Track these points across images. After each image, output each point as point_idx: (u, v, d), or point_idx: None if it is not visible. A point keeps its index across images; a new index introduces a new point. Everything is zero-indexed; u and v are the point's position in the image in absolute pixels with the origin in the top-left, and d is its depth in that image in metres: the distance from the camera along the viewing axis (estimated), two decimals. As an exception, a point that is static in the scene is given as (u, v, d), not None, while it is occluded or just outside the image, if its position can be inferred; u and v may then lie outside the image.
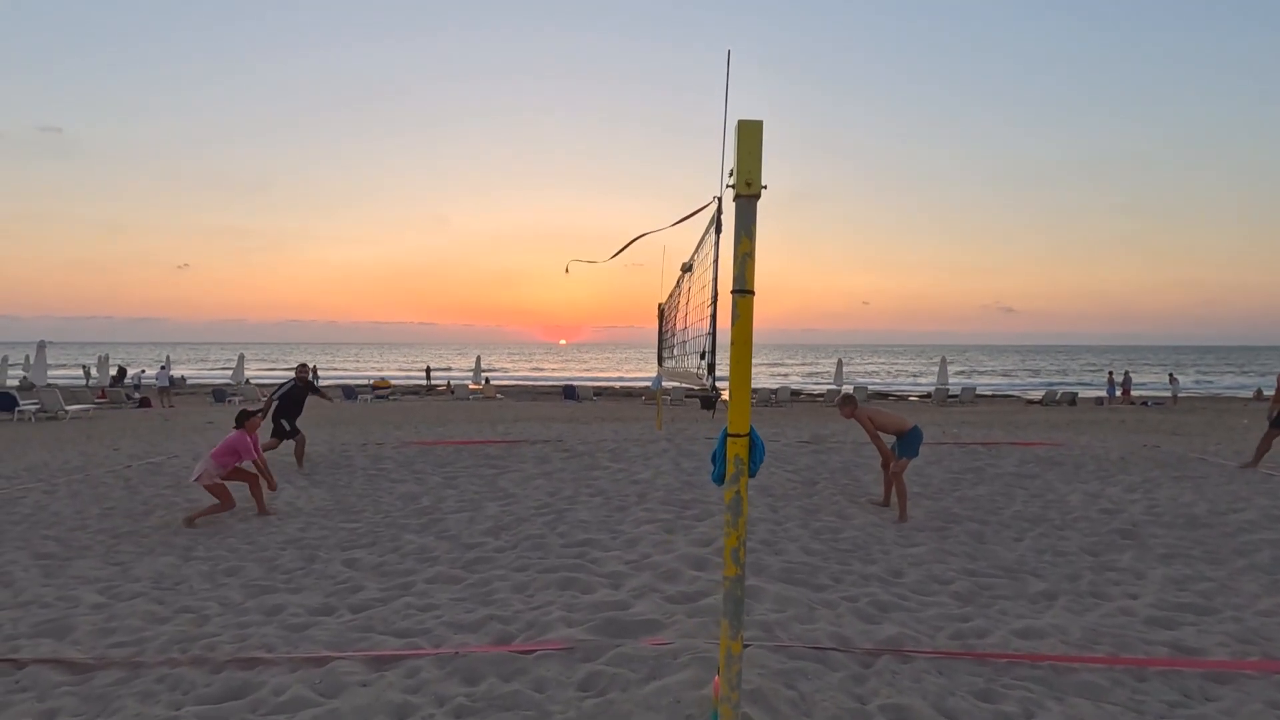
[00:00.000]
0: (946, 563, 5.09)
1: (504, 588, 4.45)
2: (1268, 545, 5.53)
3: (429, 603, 4.20)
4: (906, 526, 6.12)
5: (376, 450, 10.43)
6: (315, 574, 4.92)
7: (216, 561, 5.21)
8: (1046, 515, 6.56)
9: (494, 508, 6.69)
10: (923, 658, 3.33)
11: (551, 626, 3.68)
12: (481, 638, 3.61)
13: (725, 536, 2.51)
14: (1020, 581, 4.70)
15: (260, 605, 4.25)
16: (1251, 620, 3.98)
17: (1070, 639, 3.66)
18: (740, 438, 2.53)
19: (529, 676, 3.11)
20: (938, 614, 4.01)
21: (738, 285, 2.52)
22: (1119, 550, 5.46)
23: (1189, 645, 3.61)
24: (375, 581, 4.72)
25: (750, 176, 2.49)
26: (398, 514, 6.59)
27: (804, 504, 6.87)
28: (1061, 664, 3.30)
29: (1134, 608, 4.19)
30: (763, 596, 4.10)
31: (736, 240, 2.52)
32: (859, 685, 3.03)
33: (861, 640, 3.53)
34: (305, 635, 3.71)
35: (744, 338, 2.53)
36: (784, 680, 2.99)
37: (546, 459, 9.51)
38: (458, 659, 3.28)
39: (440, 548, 5.44)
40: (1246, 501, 6.96)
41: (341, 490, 7.72)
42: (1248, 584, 4.65)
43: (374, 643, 3.57)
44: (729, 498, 2.53)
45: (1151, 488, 7.74)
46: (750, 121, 2.50)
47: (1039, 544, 5.61)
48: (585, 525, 5.97)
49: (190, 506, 6.87)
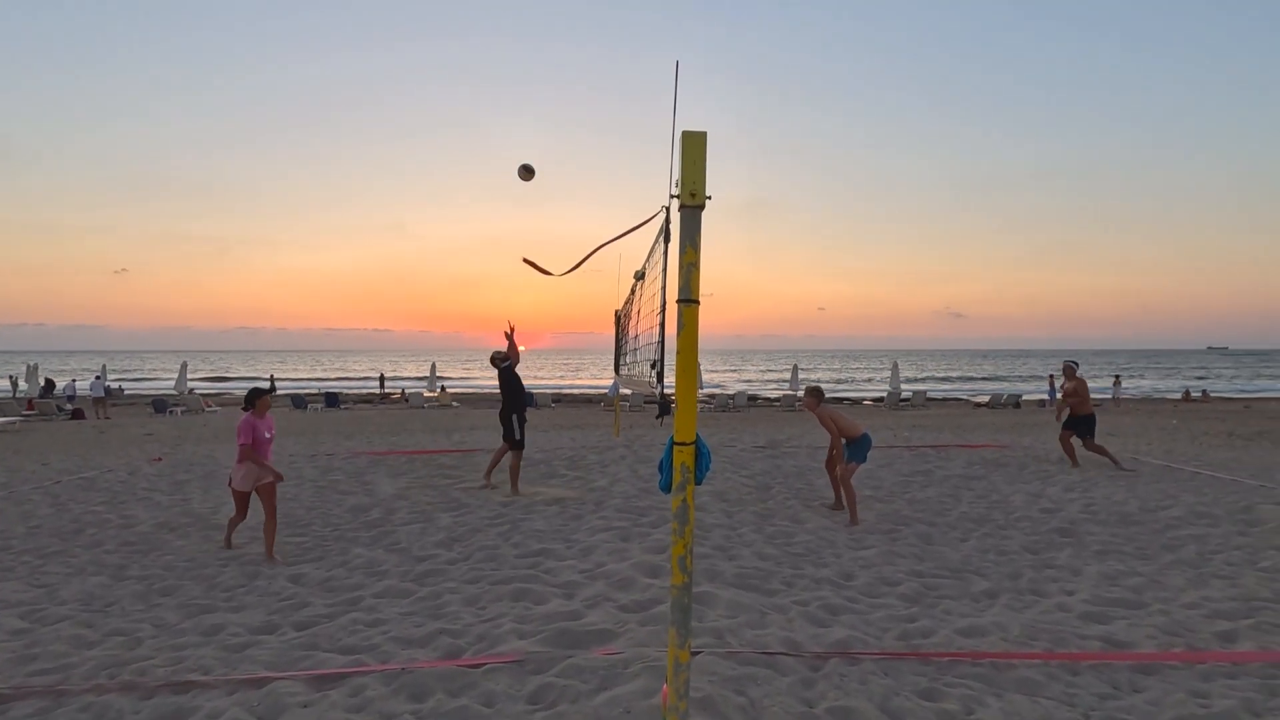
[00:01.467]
0: (895, 564, 5.20)
1: (455, 600, 4.38)
2: (1193, 540, 5.82)
3: (377, 618, 4.10)
4: (858, 530, 6.24)
5: (326, 461, 10.15)
6: (258, 591, 4.76)
7: (152, 581, 4.99)
8: (991, 515, 6.77)
9: (447, 519, 6.58)
10: (870, 659, 3.39)
11: (503, 639, 3.63)
12: (430, 652, 3.54)
13: (673, 544, 2.52)
14: (965, 581, 4.83)
15: (197, 625, 4.08)
16: (1177, 613, 4.18)
17: (1010, 636, 3.78)
18: (687, 446, 2.55)
19: (478, 691, 3.06)
20: (885, 615, 4.10)
21: (683, 295, 2.54)
22: (1057, 548, 5.67)
23: (1120, 639, 3.76)
24: (321, 597, 4.58)
25: (694, 187, 2.51)
26: (347, 526, 6.42)
27: (758, 509, 6.94)
28: (1001, 661, 3.40)
29: (1070, 604, 4.35)
30: (715, 603, 4.12)
31: (681, 250, 2.54)
32: (808, 689, 3.07)
33: (812, 644, 3.58)
34: (245, 656, 3.57)
35: (689, 346, 2.55)
36: (734, 687, 3.01)
37: (501, 468, 9.38)
38: (404, 675, 3.21)
39: (390, 561, 5.32)
40: (1174, 499, 7.31)
41: (289, 503, 7.47)
42: (1174, 578, 4.87)
43: (317, 661, 3.46)
44: (676, 505, 2.54)
45: (1089, 487, 8.07)
46: (694, 133, 2.53)
47: (983, 544, 5.78)
48: (540, 535, 5.92)
49: (123, 523, 6.57)
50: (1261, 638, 3.80)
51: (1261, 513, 6.67)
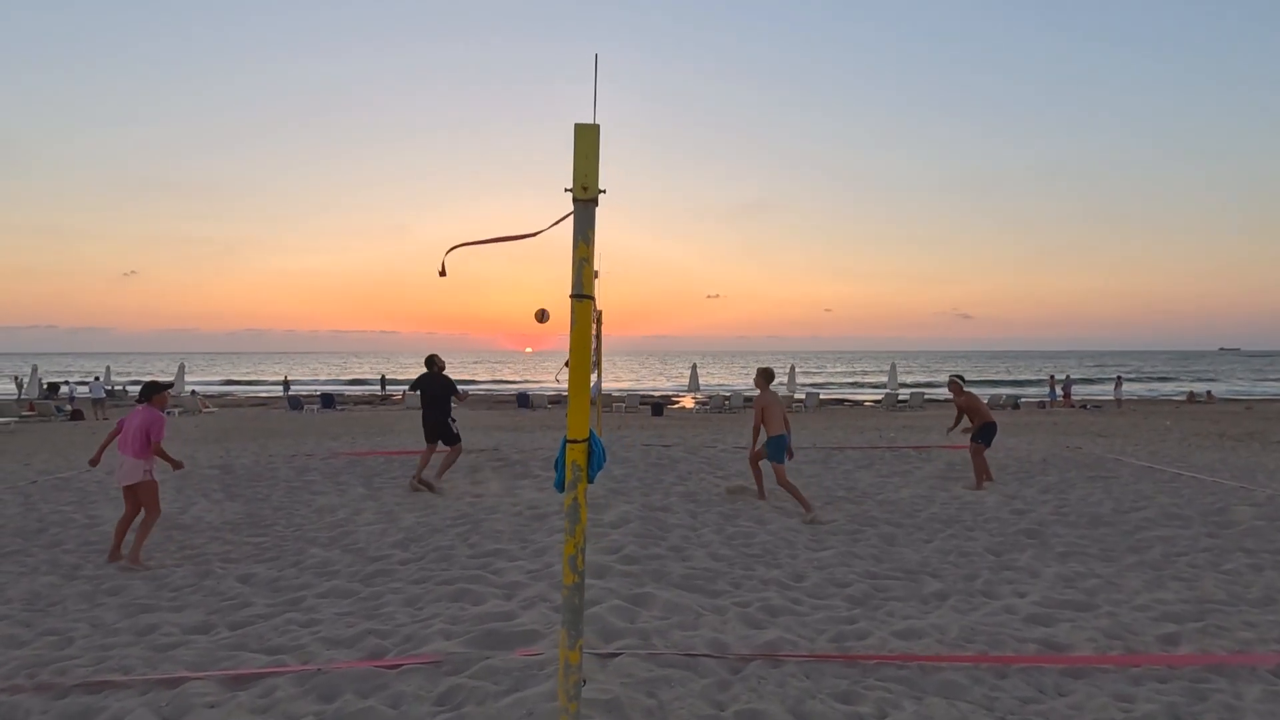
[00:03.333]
0: (851, 565, 5.14)
1: (395, 601, 4.35)
2: (1160, 542, 5.73)
3: (312, 618, 4.07)
4: (823, 530, 6.18)
5: (304, 462, 10.16)
6: (205, 590, 4.74)
7: (101, 580, 4.98)
8: (960, 517, 6.69)
9: (410, 519, 6.55)
10: (794, 661, 3.33)
11: (428, 640, 3.59)
12: (354, 653, 3.51)
13: (564, 544, 2.48)
14: (917, 582, 4.77)
15: (134, 625, 4.07)
16: (1125, 615, 4.10)
17: (946, 638, 3.71)
18: (579, 443, 2.51)
19: (388, 692, 3.02)
20: (825, 617, 4.04)
21: (575, 290, 2.50)
22: (1020, 549, 5.59)
23: (1058, 641, 3.69)
24: (265, 597, 4.56)
25: (587, 181, 2.47)
26: (310, 527, 6.41)
27: (724, 509, 6.88)
28: (929, 664, 3.34)
29: (1018, 605, 4.28)
30: (653, 604, 4.07)
31: (574, 245, 2.50)
32: (722, 692, 3.02)
33: (740, 646, 3.52)
34: (169, 655, 3.55)
35: (582, 343, 2.51)
36: (646, 689, 2.96)
37: (478, 468, 9.38)
38: (318, 676, 3.18)
39: (343, 561, 5.30)
40: (1149, 500, 7.21)
41: (258, 503, 7.48)
42: (1132, 580, 4.79)
43: (238, 661, 3.43)
44: (567, 504, 2.51)
45: (1065, 488, 7.97)
46: (586, 125, 2.49)
47: (946, 545, 5.71)
48: (498, 535, 5.88)
49: (88, 523, 6.58)
50: (1205, 640, 3.72)
51: (1235, 514, 6.57)
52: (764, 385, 6.94)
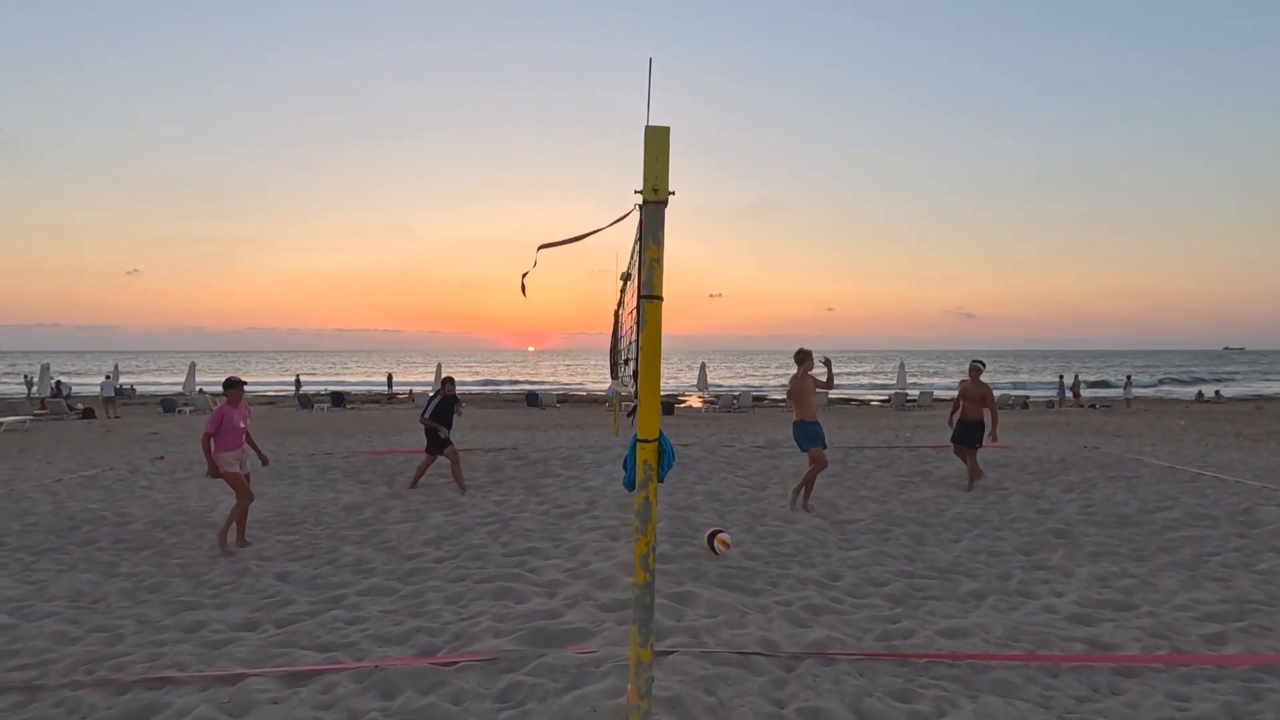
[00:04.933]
0: (884, 565, 5.16)
1: (437, 599, 4.38)
2: (1190, 542, 5.73)
3: (357, 615, 4.10)
4: (850, 529, 6.19)
5: (325, 460, 10.20)
6: (244, 588, 4.78)
7: (141, 578, 5.02)
8: (986, 516, 6.70)
9: (438, 518, 6.59)
10: (846, 660, 3.35)
11: (479, 637, 3.62)
12: (406, 650, 3.54)
13: (635, 542, 2.50)
14: (953, 582, 4.78)
15: (180, 622, 4.10)
16: (1166, 615, 4.11)
17: (992, 637, 3.73)
18: (649, 443, 2.53)
19: (448, 689, 3.05)
20: (868, 616, 4.06)
21: (645, 290, 2.53)
22: (1051, 549, 5.60)
23: (1104, 641, 3.71)
24: (306, 595, 4.60)
25: (657, 183, 2.49)
26: (339, 525, 6.45)
27: (751, 508, 6.90)
28: (980, 662, 3.36)
29: (1058, 605, 4.29)
30: (696, 602, 4.10)
31: (644, 246, 2.52)
32: (779, 689, 3.04)
33: (789, 644, 3.54)
34: (222, 652, 3.59)
35: (652, 344, 2.54)
36: (704, 687, 2.99)
37: (499, 467, 9.41)
38: (376, 673, 3.21)
39: (378, 559, 5.33)
40: (1174, 500, 7.21)
41: (284, 501, 7.52)
42: (1167, 580, 4.80)
43: (293, 658, 3.47)
44: (638, 503, 2.53)
45: (1088, 488, 7.97)
46: (657, 128, 2.50)
47: (975, 545, 5.72)
48: (529, 534, 5.91)
49: (119, 520, 6.63)
50: (1250, 640, 3.73)
51: (1262, 514, 6.56)
52: (804, 365, 6.93)
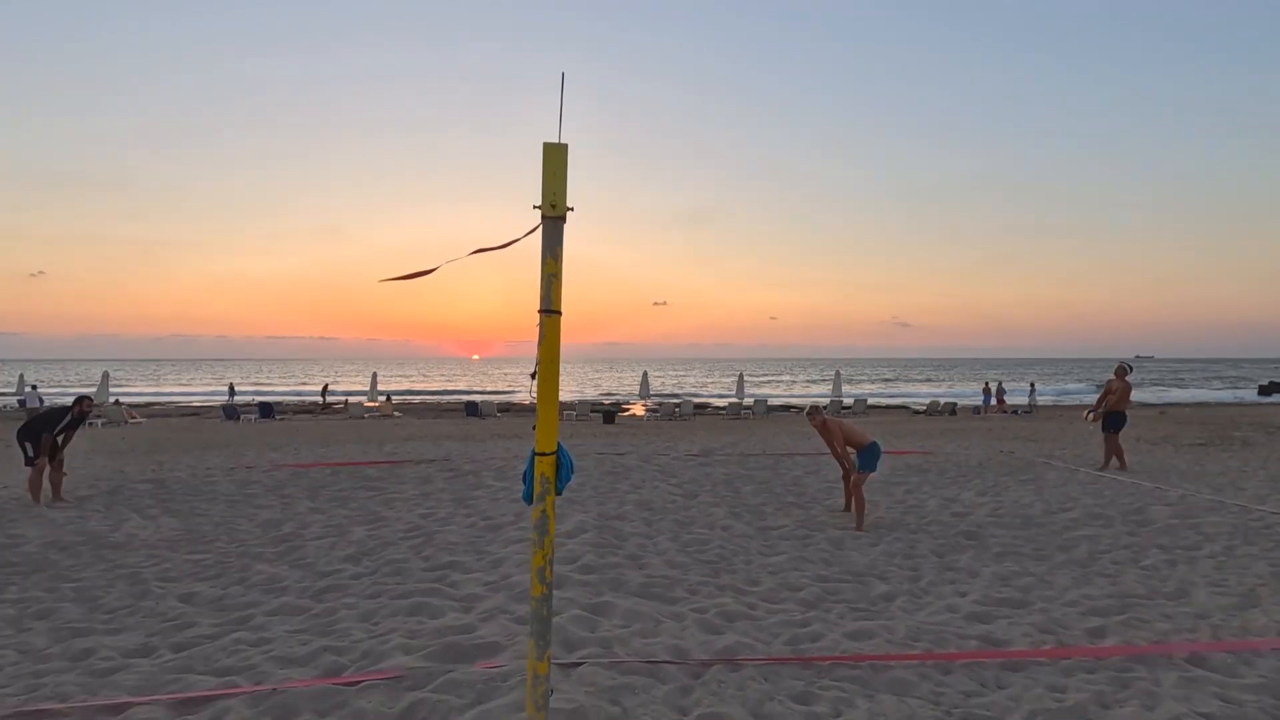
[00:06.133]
0: (802, 570, 5.29)
1: (350, 616, 4.26)
2: (1086, 540, 6.10)
3: (262, 637, 3.96)
4: (773, 536, 6.34)
5: (245, 474, 9.79)
6: (143, 612, 4.53)
7: (28, 604, 4.70)
8: (905, 520, 6.96)
9: (360, 533, 6.41)
10: (752, 665, 3.43)
11: (388, 655, 3.55)
12: (310, 671, 3.43)
13: (532, 556, 2.51)
14: (866, 585, 4.95)
15: (67, 650, 3.87)
16: (1056, 611, 4.36)
17: (895, 638, 3.88)
18: (547, 456, 2.55)
19: (348, 710, 2.98)
20: (780, 621, 4.16)
21: (544, 305, 2.55)
22: (961, 550, 5.86)
23: (997, 638, 3.91)
24: (210, 617, 4.40)
25: (555, 199, 2.52)
26: (254, 542, 6.20)
27: (680, 517, 6.98)
28: (880, 663, 3.49)
29: (960, 605, 4.50)
30: (612, 612, 4.12)
31: (543, 261, 2.55)
32: (684, 697, 3.09)
33: (699, 651, 3.61)
34: (110, 681, 3.40)
35: (551, 357, 2.55)
36: (609, 697, 3.01)
37: (429, 479, 9.24)
38: (275, 696, 3.10)
39: (292, 577, 5.15)
40: (1075, 501, 7.66)
41: (197, 518, 7.18)
42: (1061, 577, 5.10)
43: (186, 684, 3.32)
44: (535, 516, 2.54)
45: (1000, 491, 8.38)
46: (555, 145, 2.54)
47: (892, 548, 5.94)
48: (453, 547, 5.82)
49: (9, 543, 6.20)
50: (1128, 633, 4.00)
51: (1152, 514, 7.04)
52: (822, 417, 7.11)
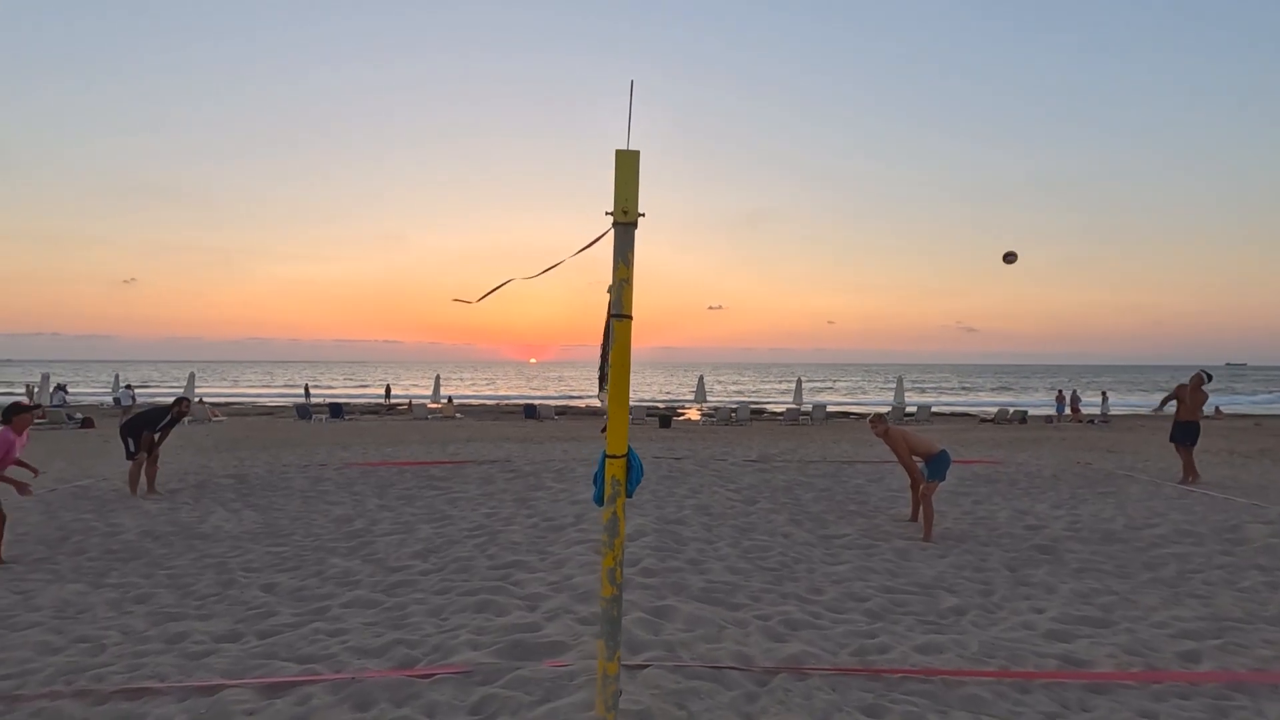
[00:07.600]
0: (867, 580, 5.18)
1: (420, 611, 4.41)
2: (1174, 559, 5.75)
3: (339, 627, 4.13)
4: (835, 545, 6.22)
5: (318, 472, 10.23)
6: (230, 600, 4.80)
7: (128, 589, 5.05)
8: (974, 532, 6.72)
9: (427, 530, 6.62)
10: (819, 675, 3.38)
11: (457, 650, 3.65)
12: (384, 662, 3.57)
13: (603, 558, 2.54)
14: (934, 597, 4.80)
15: (163, 633, 4.13)
16: (1144, 632, 4.13)
17: (967, 653, 3.75)
18: (617, 459, 2.58)
19: (421, 701, 3.08)
20: (845, 631, 4.08)
21: (615, 309, 2.59)
22: (1035, 565, 5.62)
23: (1079, 658, 3.73)
24: (290, 606, 4.62)
25: (627, 205, 2.57)
26: (327, 537, 6.48)
27: (739, 523, 6.93)
28: (952, 678, 3.38)
29: (1036, 621, 4.31)
30: (675, 616, 4.13)
31: (615, 267, 2.59)
32: (750, 704, 3.07)
33: (764, 659, 3.57)
34: (202, 663, 3.62)
35: (622, 361, 2.60)
36: (675, 700, 3.02)
37: (491, 479, 9.45)
38: (353, 685, 3.24)
39: (364, 571, 5.36)
40: (1162, 517, 7.23)
41: (275, 513, 7.55)
42: (1148, 597, 4.82)
43: (271, 669, 3.50)
44: (606, 518, 2.57)
45: (1076, 504, 7.99)
46: (627, 151, 2.59)
47: (960, 560, 5.74)
48: (516, 547, 5.94)
49: (109, 531, 6.66)
50: (1224, 658, 3.75)
51: (1248, 532, 6.59)
52: (886, 426, 6.89)
